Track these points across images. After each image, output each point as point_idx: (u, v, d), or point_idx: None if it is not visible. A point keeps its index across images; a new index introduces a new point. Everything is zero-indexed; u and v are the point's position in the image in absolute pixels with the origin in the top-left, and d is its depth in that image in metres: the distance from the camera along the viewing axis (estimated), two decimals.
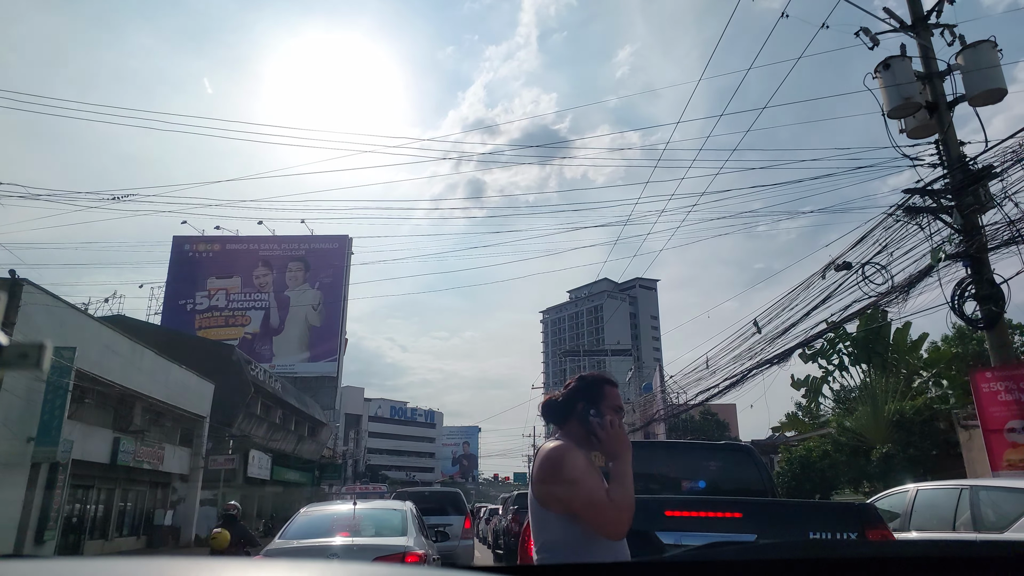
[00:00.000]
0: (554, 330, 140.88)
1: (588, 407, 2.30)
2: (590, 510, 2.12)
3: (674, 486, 5.15)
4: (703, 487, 5.11)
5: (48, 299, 18.39)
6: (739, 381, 18.10)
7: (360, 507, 7.44)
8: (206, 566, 0.91)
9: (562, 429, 2.38)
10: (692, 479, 5.14)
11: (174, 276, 54.31)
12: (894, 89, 10.55)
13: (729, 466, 5.30)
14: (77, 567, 0.96)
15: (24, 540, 17.61)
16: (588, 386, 2.37)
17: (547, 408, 2.45)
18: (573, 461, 2.19)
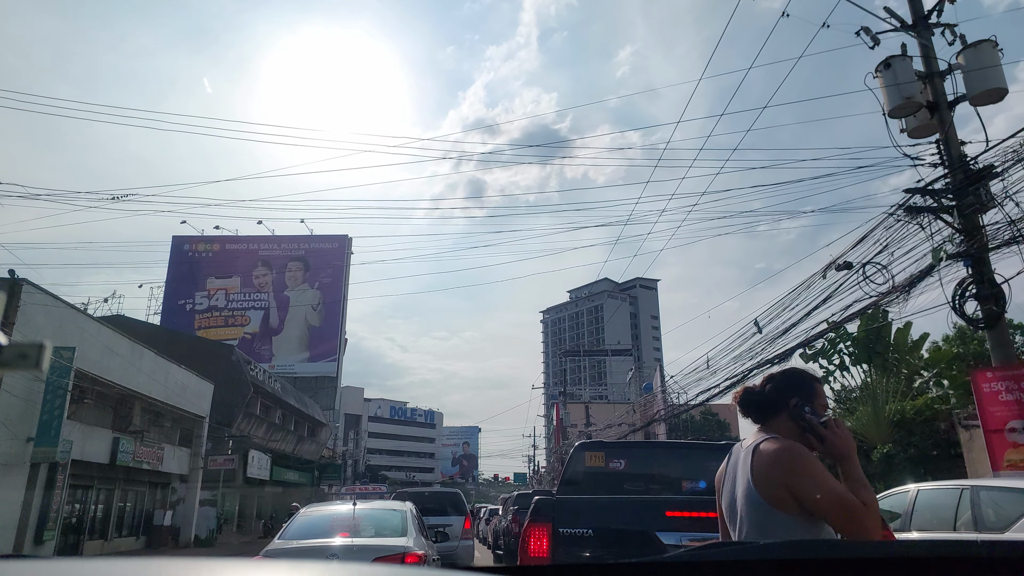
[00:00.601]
0: (554, 330, 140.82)
1: (802, 403, 2.14)
2: (843, 513, 1.97)
3: (675, 487, 5.12)
4: (704, 488, 5.08)
5: (47, 299, 18.37)
6: (740, 381, 18.09)
7: (360, 507, 7.40)
8: (205, 566, 0.91)
9: (765, 425, 2.22)
10: (693, 479, 5.11)
11: (173, 276, 54.27)
12: (895, 88, 10.53)
13: None
14: (77, 567, 0.96)
15: (23, 540, 17.58)
16: (801, 382, 2.20)
17: (750, 401, 2.27)
18: (813, 460, 2.04)
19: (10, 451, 16.87)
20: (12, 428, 16.91)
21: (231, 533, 33.28)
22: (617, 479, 5.14)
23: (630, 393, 68.59)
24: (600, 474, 5.14)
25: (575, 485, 5.06)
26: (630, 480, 5.17)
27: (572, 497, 4.12)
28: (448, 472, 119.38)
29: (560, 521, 3.46)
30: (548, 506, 3.70)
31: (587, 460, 5.22)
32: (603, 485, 5.01)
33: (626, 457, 5.33)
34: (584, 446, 5.48)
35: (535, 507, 3.75)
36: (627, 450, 5.55)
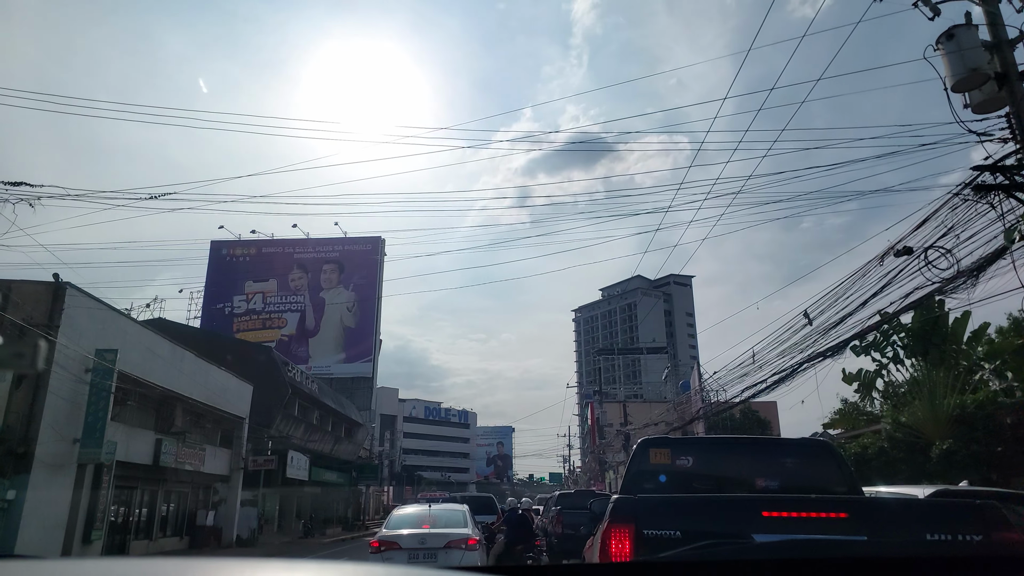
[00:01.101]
0: (587, 329, 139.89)
1: None
2: None
3: (747, 485, 4.73)
4: (777, 486, 4.68)
5: (90, 302, 18.58)
6: (789, 376, 17.47)
7: (433, 507, 10.49)
8: (205, 566, 0.94)
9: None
10: (767, 478, 4.71)
11: (212, 280, 55.14)
12: (959, 60, 9.89)
13: (806, 464, 4.86)
14: (76, 568, 0.99)
15: (72, 540, 17.80)
16: None
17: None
18: None
19: (57, 452, 17.09)
20: (59, 430, 17.12)
21: (272, 533, 33.54)
22: (684, 477, 4.77)
23: (666, 392, 67.67)
24: (666, 472, 4.78)
25: (639, 485, 4.71)
26: (698, 479, 4.80)
27: (657, 496, 3.77)
28: (483, 472, 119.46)
29: (644, 522, 3.13)
30: (630, 506, 3.37)
31: (652, 457, 4.87)
32: (669, 484, 4.65)
33: (694, 454, 4.95)
34: (648, 443, 5.12)
35: (615, 507, 3.42)
36: (695, 447, 5.17)
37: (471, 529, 9.81)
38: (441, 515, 10.18)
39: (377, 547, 9.37)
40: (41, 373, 16.54)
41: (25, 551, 15.66)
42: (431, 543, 9.28)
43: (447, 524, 9.83)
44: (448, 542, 9.26)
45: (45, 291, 17.35)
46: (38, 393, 16.56)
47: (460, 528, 9.71)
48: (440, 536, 9.33)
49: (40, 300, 17.10)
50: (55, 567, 1.01)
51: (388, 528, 9.86)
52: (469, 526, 9.91)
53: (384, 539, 9.44)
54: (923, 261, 11.45)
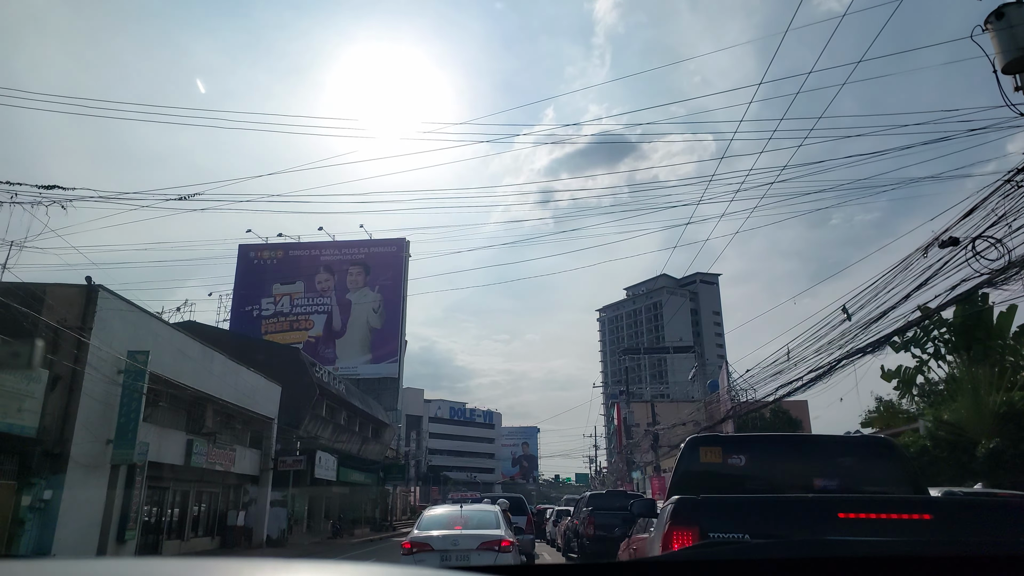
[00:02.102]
0: (611, 328, 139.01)
1: None
2: None
3: (804, 485, 4.46)
4: (836, 487, 4.40)
5: (122, 304, 18.76)
6: (826, 373, 17.00)
7: (465, 508, 10.35)
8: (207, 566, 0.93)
9: None
10: (826, 477, 4.43)
11: (240, 283, 55.73)
12: (1009, 40, 9.45)
13: (866, 463, 4.57)
14: (76, 568, 0.97)
15: (107, 540, 17.98)
16: None
17: None
18: None
19: (91, 453, 17.26)
20: (92, 431, 17.30)
21: (301, 533, 33.71)
22: (737, 477, 4.52)
23: (693, 391, 66.85)
24: (717, 472, 4.54)
25: (688, 485, 4.47)
26: (752, 478, 4.55)
27: (723, 496, 3.54)
28: (508, 472, 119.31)
29: (709, 524, 2.91)
30: (693, 507, 3.14)
31: (702, 456, 4.62)
32: (721, 484, 4.40)
33: (747, 452, 4.69)
34: (698, 441, 4.87)
35: (677, 507, 3.19)
36: (748, 445, 4.90)
37: (504, 530, 9.67)
38: (473, 516, 10.08)
39: (409, 548, 9.20)
40: (75, 375, 16.73)
41: (61, 551, 15.83)
42: (464, 544, 9.09)
43: (479, 525, 9.72)
44: (481, 543, 9.11)
45: (78, 294, 17.54)
46: (72, 395, 16.74)
47: (493, 529, 9.59)
48: (473, 537, 9.20)
49: (73, 303, 17.29)
50: (55, 567, 1.00)
51: (420, 529, 9.76)
52: (502, 527, 9.77)
53: (416, 540, 9.30)
54: (970, 252, 11.00)
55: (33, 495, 15.38)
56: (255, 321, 54.04)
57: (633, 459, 43.51)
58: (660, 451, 36.25)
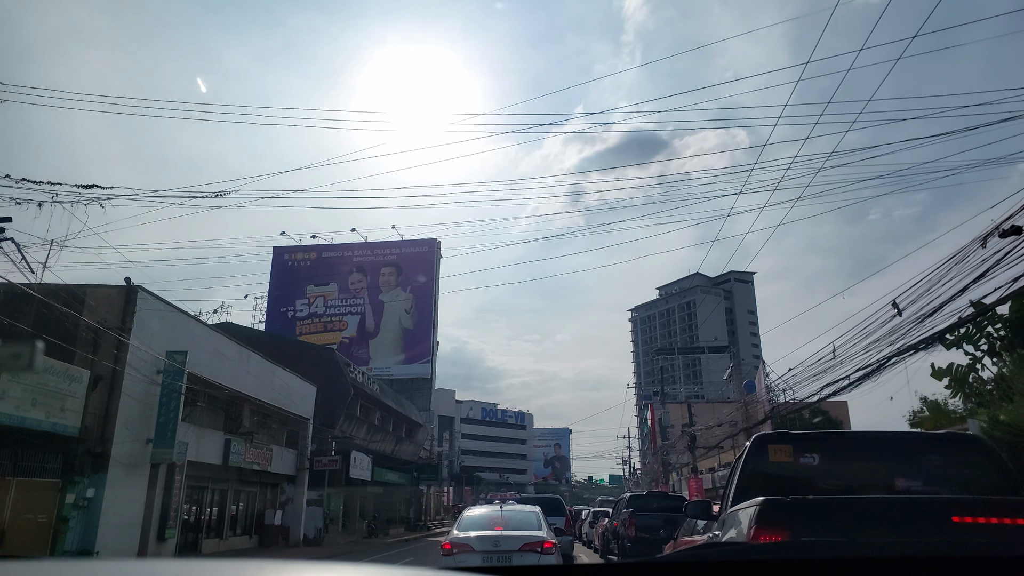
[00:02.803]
0: (644, 328, 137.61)
1: None
2: None
3: (884, 485, 4.10)
4: (921, 487, 4.03)
5: (161, 305, 18.95)
6: (875, 371, 16.39)
7: (505, 509, 10.17)
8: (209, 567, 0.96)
9: None
10: (909, 478, 4.07)
11: (275, 285, 56.45)
12: None
13: (954, 461, 4.19)
14: (75, 568, 0.99)
15: (147, 539, 18.17)
16: None
17: None
18: None
19: (132, 452, 17.46)
20: (133, 430, 17.49)
21: (337, 533, 33.88)
22: (810, 477, 4.18)
23: (729, 392, 65.69)
24: (788, 472, 4.20)
25: (756, 486, 4.14)
26: (827, 479, 4.20)
27: (818, 498, 3.23)
28: (540, 473, 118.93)
29: (801, 528, 2.61)
30: (783, 509, 2.84)
31: (771, 455, 4.29)
32: (792, 485, 4.06)
33: (821, 450, 4.34)
34: (766, 438, 4.53)
35: (763, 510, 2.89)
36: (822, 442, 4.55)
37: (546, 532, 9.48)
38: (513, 516, 9.93)
39: (449, 549, 8.99)
40: (115, 375, 16.93)
41: (104, 549, 16.01)
42: (505, 546, 8.86)
43: (520, 526, 9.57)
44: (523, 545, 8.89)
45: (118, 295, 17.77)
46: (112, 394, 16.95)
47: (535, 531, 9.39)
48: (514, 539, 9.02)
49: (113, 303, 17.52)
50: (55, 567, 1.02)
51: (459, 529, 9.62)
52: (544, 528, 9.59)
53: (456, 541, 9.12)
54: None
55: (76, 493, 15.59)
56: (290, 322, 54.65)
57: (669, 460, 42.83)
58: (697, 452, 35.58)
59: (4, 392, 13.33)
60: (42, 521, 14.93)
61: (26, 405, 13.89)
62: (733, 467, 5.24)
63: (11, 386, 13.51)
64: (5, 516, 13.96)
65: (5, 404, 13.37)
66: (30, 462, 14.59)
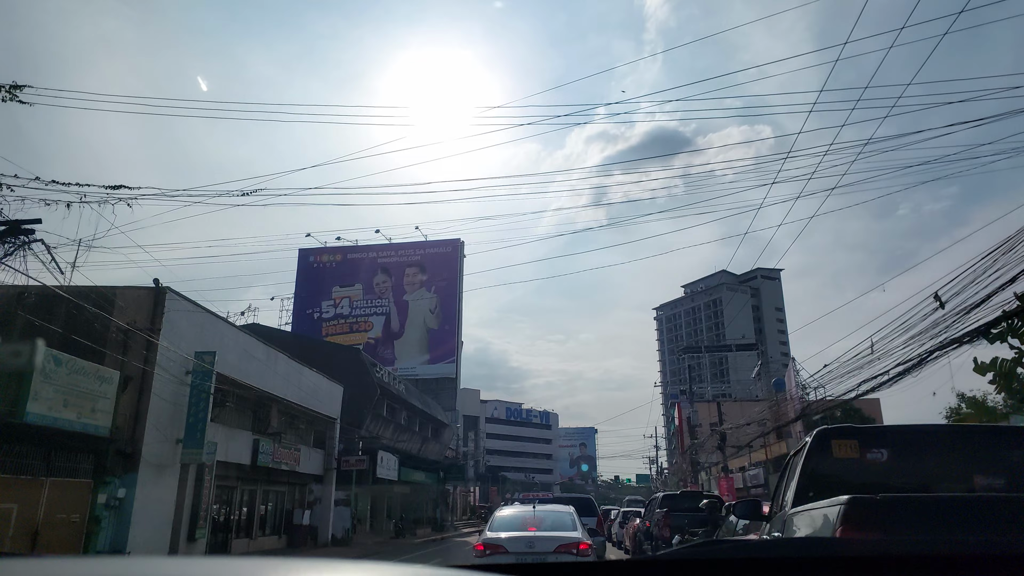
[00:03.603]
0: (669, 327, 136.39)
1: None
2: None
3: (961, 483, 3.78)
4: (1003, 485, 3.70)
5: (189, 305, 19.03)
6: (915, 366, 15.84)
7: (539, 509, 9.87)
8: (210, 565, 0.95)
9: None
10: (987, 474, 3.74)
11: (301, 286, 56.85)
12: None
13: None
14: (75, 567, 0.99)
15: (178, 538, 18.25)
16: None
17: None
18: None
19: (162, 452, 17.53)
20: (162, 430, 17.57)
21: (364, 533, 33.90)
22: (879, 475, 3.87)
23: (757, 390, 64.66)
24: (854, 469, 3.90)
25: (819, 485, 3.84)
26: (897, 475, 3.89)
27: (908, 496, 2.93)
28: (566, 473, 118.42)
29: (896, 530, 2.34)
30: (873, 509, 2.57)
31: (835, 450, 3.98)
32: (860, 483, 3.75)
33: (890, 446, 4.02)
34: (828, 433, 4.22)
35: (850, 510, 2.62)
36: (891, 437, 4.22)
37: (581, 533, 9.19)
38: (547, 517, 9.64)
39: (482, 550, 8.76)
40: (145, 375, 17.01)
41: (136, 549, 16.08)
42: (540, 547, 8.59)
43: (554, 527, 9.30)
44: (559, 546, 8.62)
45: (147, 296, 17.86)
46: (142, 395, 17.03)
47: (570, 532, 9.10)
48: (549, 540, 8.75)
49: (142, 304, 17.61)
50: (55, 567, 1.01)
51: (492, 530, 9.34)
52: (579, 529, 9.30)
53: (489, 542, 8.86)
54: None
55: (108, 493, 15.68)
56: (316, 324, 54.98)
57: (698, 460, 42.22)
58: (727, 451, 34.98)
59: (37, 393, 13.41)
60: (75, 521, 15.02)
61: (58, 406, 13.98)
62: (787, 464, 4.94)
63: (43, 387, 13.59)
64: (39, 516, 14.06)
65: (38, 405, 13.45)
66: (62, 462, 14.69)
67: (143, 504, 16.57)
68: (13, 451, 13.42)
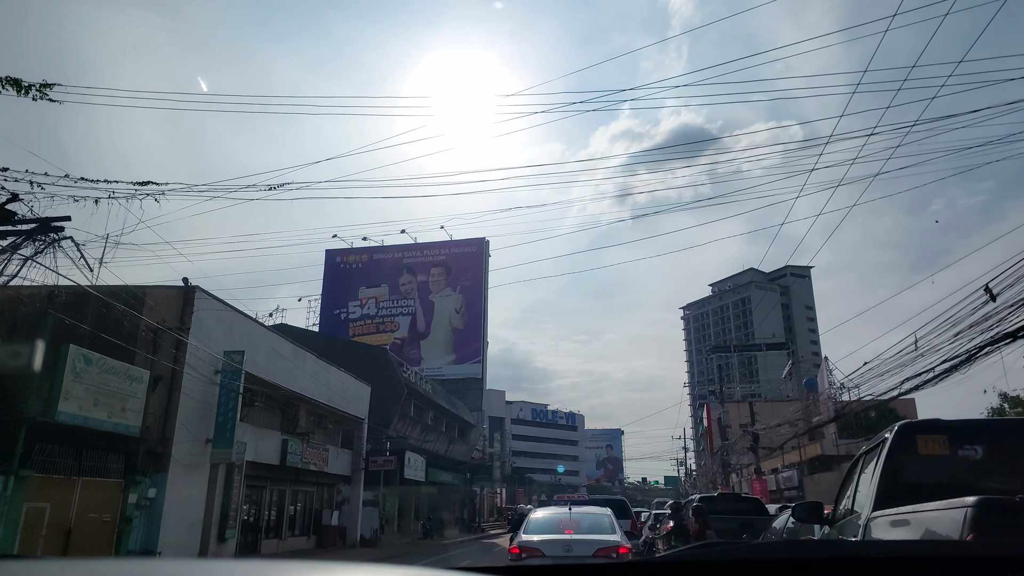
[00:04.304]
0: (697, 326, 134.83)
1: None
2: None
3: None
4: None
5: (218, 305, 19.01)
6: (965, 362, 15.17)
7: (575, 511, 9.50)
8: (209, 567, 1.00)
9: None
10: None
11: (328, 287, 57.13)
12: None
13: None
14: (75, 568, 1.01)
15: (208, 539, 18.21)
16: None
17: None
18: None
19: (191, 452, 17.50)
20: (192, 430, 17.55)
21: (392, 534, 33.80)
22: (973, 474, 3.47)
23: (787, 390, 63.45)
24: (944, 467, 3.50)
25: (905, 485, 3.45)
26: (995, 475, 3.48)
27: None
28: (593, 475, 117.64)
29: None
30: (1011, 512, 2.22)
31: (920, 447, 3.59)
32: (952, 483, 3.35)
33: (985, 442, 3.61)
34: (912, 428, 3.82)
35: (981, 513, 2.26)
36: (986, 432, 3.81)
37: (620, 536, 8.89)
38: (584, 519, 9.33)
39: (517, 554, 8.43)
40: (174, 375, 17.00)
41: (166, 549, 16.05)
42: (579, 551, 8.24)
43: (592, 530, 9.00)
44: (598, 550, 8.29)
45: (176, 295, 17.88)
46: (172, 394, 17.03)
47: (609, 535, 8.79)
48: (588, 543, 8.43)
49: (172, 304, 17.62)
50: (54, 567, 1.03)
51: (527, 533, 8.98)
52: (618, 532, 8.99)
53: (525, 545, 8.51)
54: None
55: (139, 493, 15.66)
56: (343, 324, 55.18)
57: (729, 461, 41.43)
58: (759, 452, 34.24)
59: (68, 392, 13.41)
60: (106, 521, 15.02)
61: (89, 405, 13.97)
62: (859, 463, 4.54)
63: (74, 386, 13.59)
64: (71, 515, 14.07)
65: (69, 404, 13.45)
66: (93, 462, 14.69)
67: (173, 504, 16.55)
68: (45, 450, 13.43)
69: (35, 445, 13.18)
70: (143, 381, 15.74)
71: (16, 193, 10.54)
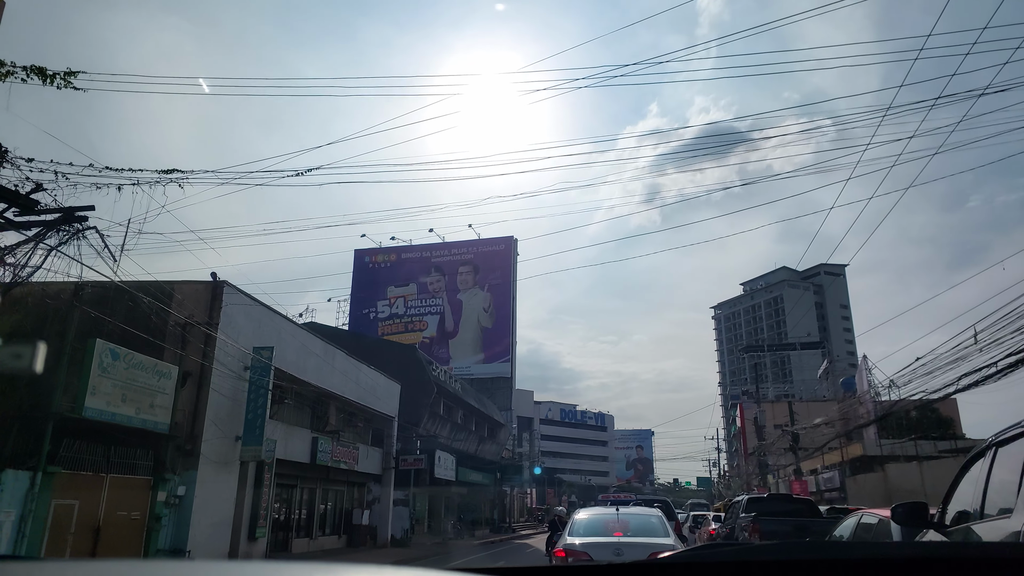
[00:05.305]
0: (728, 326, 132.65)
1: None
2: None
3: None
4: None
5: (247, 300, 18.73)
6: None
7: (623, 512, 8.96)
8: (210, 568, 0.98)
9: None
10: None
11: (357, 287, 57.16)
12: None
13: None
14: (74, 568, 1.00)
15: (239, 538, 17.91)
16: None
17: None
18: None
19: (221, 449, 17.22)
20: (221, 427, 17.26)
21: (423, 533, 33.41)
22: None
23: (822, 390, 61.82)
24: None
25: None
26: None
27: None
28: (623, 476, 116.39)
29: None
30: None
31: None
32: None
33: None
34: None
35: None
36: None
37: (674, 539, 8.38)
38: (633, 521, 8.75)
39: (563, 557, 7.83)
40: (203, 371, 16.72)
41: (196, 548, 15.75)
42: (629, 555, 7.57)
43: (643, 532, 8.42)
44: (650, 554, 7.44)
45: (204, 290, 17.62)
46: (201, 391, 16.75)
47: (660, 538, 8.18)
48: (639, 547, 7.80)
49: (200, 299, 17.37)
50: (54, 567, 1.03)
51: (572, 535, 8.43)
52: (671, 535, 8.44)
53: (571, 549, 7.92)
54: None
55: (168, 491, 15.39)
56: (372, 323, 55.12)
57: (767, 461, 40.29)
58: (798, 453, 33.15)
59: (95, 388, 13.16)
60: (135, 519, 14.77)
61: (116, 401, 13.72)
62: (969, 463, 3.89)
63: (101, 381, 13.34)
64: (100, 513, 13.83)
65: (96, 400, 13.20)
66: (121, 459, 14.44)
67: (203, 502, 16.26)
68: (72, 446, 13.20)
69: (62, 441, 12.95)
70: (171, 377, 15.48)
71: (40, 183, 10.25)
